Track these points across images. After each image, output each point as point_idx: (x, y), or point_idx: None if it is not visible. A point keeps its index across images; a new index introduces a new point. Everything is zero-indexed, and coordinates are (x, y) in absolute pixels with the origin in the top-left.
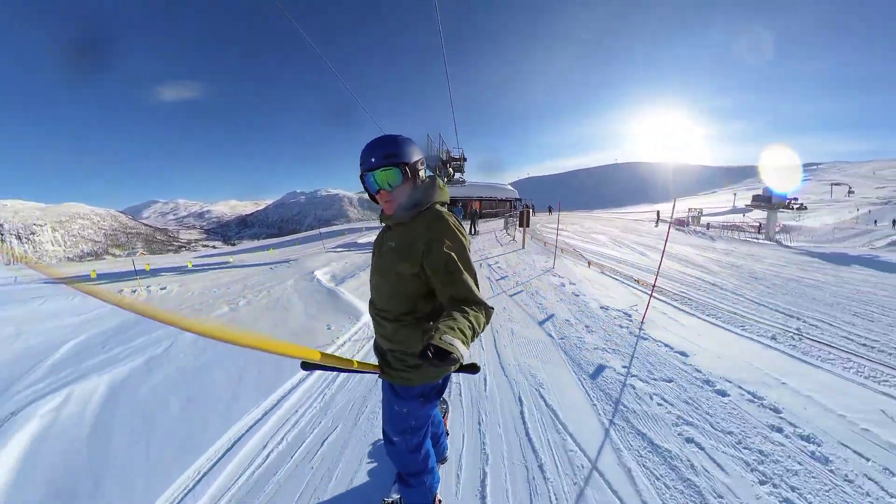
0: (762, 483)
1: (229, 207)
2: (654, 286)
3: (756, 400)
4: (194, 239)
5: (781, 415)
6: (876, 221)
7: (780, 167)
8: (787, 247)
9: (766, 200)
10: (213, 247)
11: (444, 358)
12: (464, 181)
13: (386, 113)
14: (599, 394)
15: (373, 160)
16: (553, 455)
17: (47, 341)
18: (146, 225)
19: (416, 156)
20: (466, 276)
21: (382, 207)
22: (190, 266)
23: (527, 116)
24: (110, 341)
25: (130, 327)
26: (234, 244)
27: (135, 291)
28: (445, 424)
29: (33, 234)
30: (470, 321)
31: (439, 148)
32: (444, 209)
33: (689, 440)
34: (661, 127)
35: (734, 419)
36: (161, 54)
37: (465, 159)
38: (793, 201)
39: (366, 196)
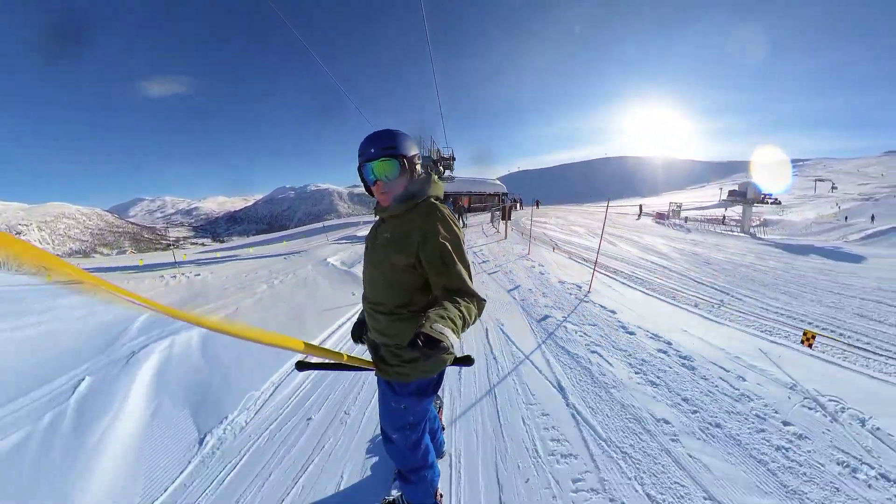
0: (636, 373)
1: (217, 204)
2: (595, 262)
3: (655, 337)
4: (183, 236)
5: (671, 345)
6: (847, 218)
7: (769, 164)
8: (760, 239)
9: (741, 195)
10: (203, 244)
11: (435, 347)
12: (453, 178)
13: (375, 109)
14: (540, 329)
15: (372, 150)
16: (503, 352)
17: (122, 314)
18: (133, 223)
19: (413, 150)
20: (460, 267)
21: (378, 199)
22: (218, 256)
23: (518, 110)
24: (191, 303)
25: (194, 299)
26: (222, 241)
27: (174, 277)
28: (441, 419)
29: (19, 234)
30: (461, 311)
31: (430, 148)
32: (439, 202)
33: (593, 351)
34: (651, 122)
35: (631, 345)
36: (145, 48)
37: (454, 158)
38: (767, 197)
39: (356, 190)
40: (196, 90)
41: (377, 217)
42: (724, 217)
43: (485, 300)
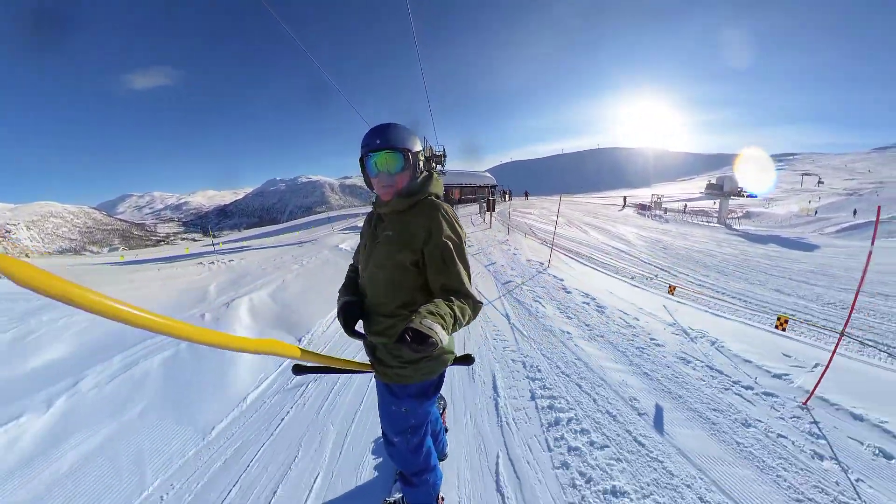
0: (560, 312)
1: (207, 198)
2: (553, 243)
3: (585, 295)
4: (173, 232)
5: (595, 300)
6: (816, 212)
7: (753, 161)
8: (734, 230)
9: (718, 189)
10: (193, 239)
11: (423, 342)
12: (444, 172)
13: (365, 100)
14: (503, 288)
15: (377, 142)
16: None
17: (192, 286)
18: (122, 220)
19: (417, 146)
20: (460, 267)
21: (379, 193)
22: (245, 244)
23: (511, 100)
24: (241, 281)
25: (245, 275)
26: (214, 236)
27: (213, 263)
28: (444, 421)
29: (9, 232)
30: (453, 310)
31: (423, 146)
32: (441, 201)
33: (536, 301)
34: (644, 113)
35: (565, 298)
36: (128, 40)
37: (445, 155)
38: (742, 190)
39: (347, 182)
40: (182, 82)
41: (373, 212)
42: (685, 206)
43: (481, 303)
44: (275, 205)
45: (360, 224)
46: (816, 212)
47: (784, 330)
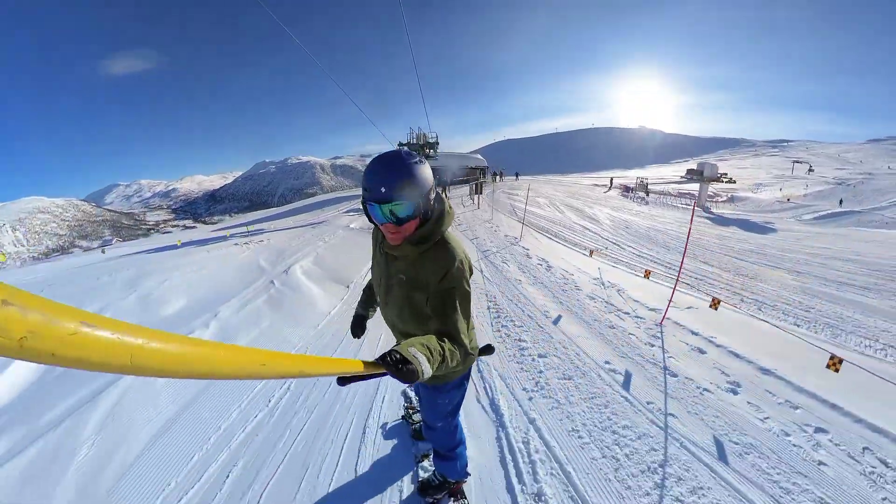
0: (519, 269)
1: (196, 183)
2: (524, 221)
3: (541, 259)
4: (163, 220)
5: (547, 262)
6: (788, 199)
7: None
8: (710, 213)
9: (698, 174)
10: (184, 226)
11: (403, 367)
12: (436, 157)
13: (352, 78)
14: (481, 254)
15: (382, 190)
16: None
17: (246, 262)
18: (111, 211)
19: (429, 182)
20: (459, 315)
21: (387, 238)
22: (271, 227)
23: (506, 76)
24: (282, 255)
25: (283, 251)
26: (206, 222)
27: (247, 243)
28: None
29: None
30: (443, 351)
31: (418, 134)
32: (452, 240)
33: (504, 263)
34: (640, 93)
35: (525, 261)
36: (102, 20)
37: (437, 143)
38: (723, 175)
39: (338, 162)
40: (164, 65)
41: (383, 243)
42: (647, 185)
43: (473, 355)
44: (265, 188)
45: (360, 206)
46: (788, 199)
47: (648, 278)
